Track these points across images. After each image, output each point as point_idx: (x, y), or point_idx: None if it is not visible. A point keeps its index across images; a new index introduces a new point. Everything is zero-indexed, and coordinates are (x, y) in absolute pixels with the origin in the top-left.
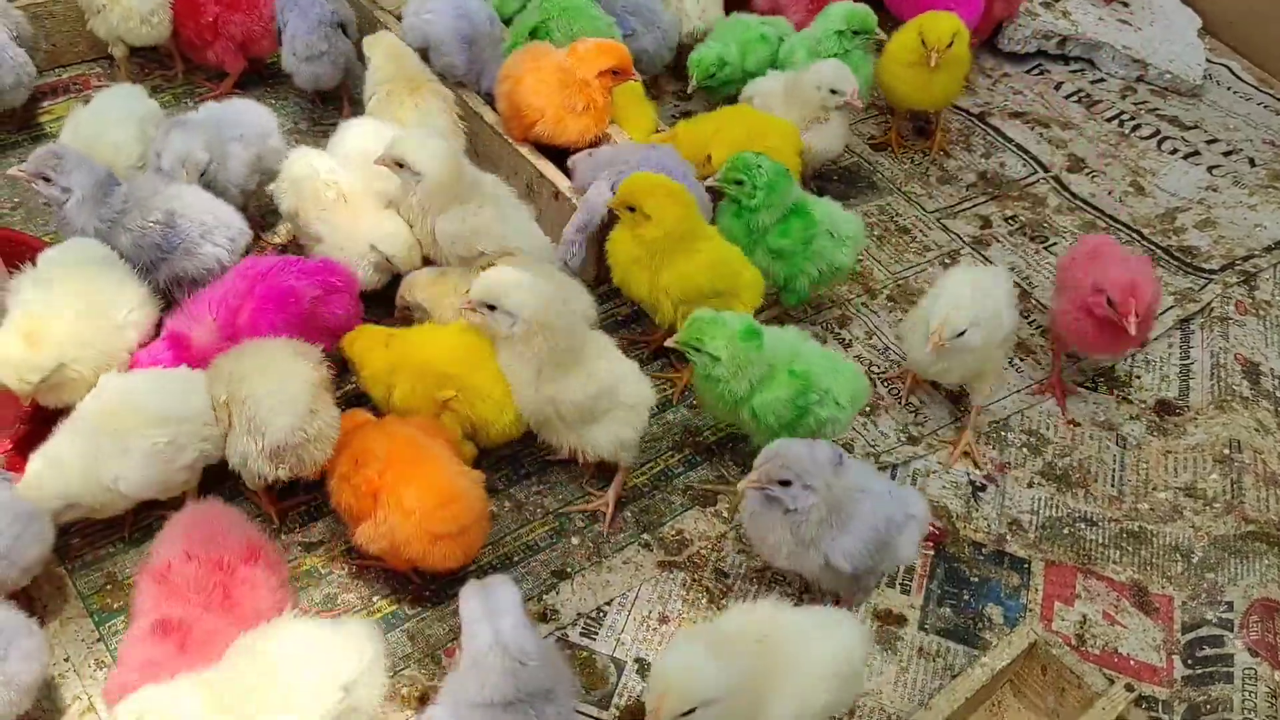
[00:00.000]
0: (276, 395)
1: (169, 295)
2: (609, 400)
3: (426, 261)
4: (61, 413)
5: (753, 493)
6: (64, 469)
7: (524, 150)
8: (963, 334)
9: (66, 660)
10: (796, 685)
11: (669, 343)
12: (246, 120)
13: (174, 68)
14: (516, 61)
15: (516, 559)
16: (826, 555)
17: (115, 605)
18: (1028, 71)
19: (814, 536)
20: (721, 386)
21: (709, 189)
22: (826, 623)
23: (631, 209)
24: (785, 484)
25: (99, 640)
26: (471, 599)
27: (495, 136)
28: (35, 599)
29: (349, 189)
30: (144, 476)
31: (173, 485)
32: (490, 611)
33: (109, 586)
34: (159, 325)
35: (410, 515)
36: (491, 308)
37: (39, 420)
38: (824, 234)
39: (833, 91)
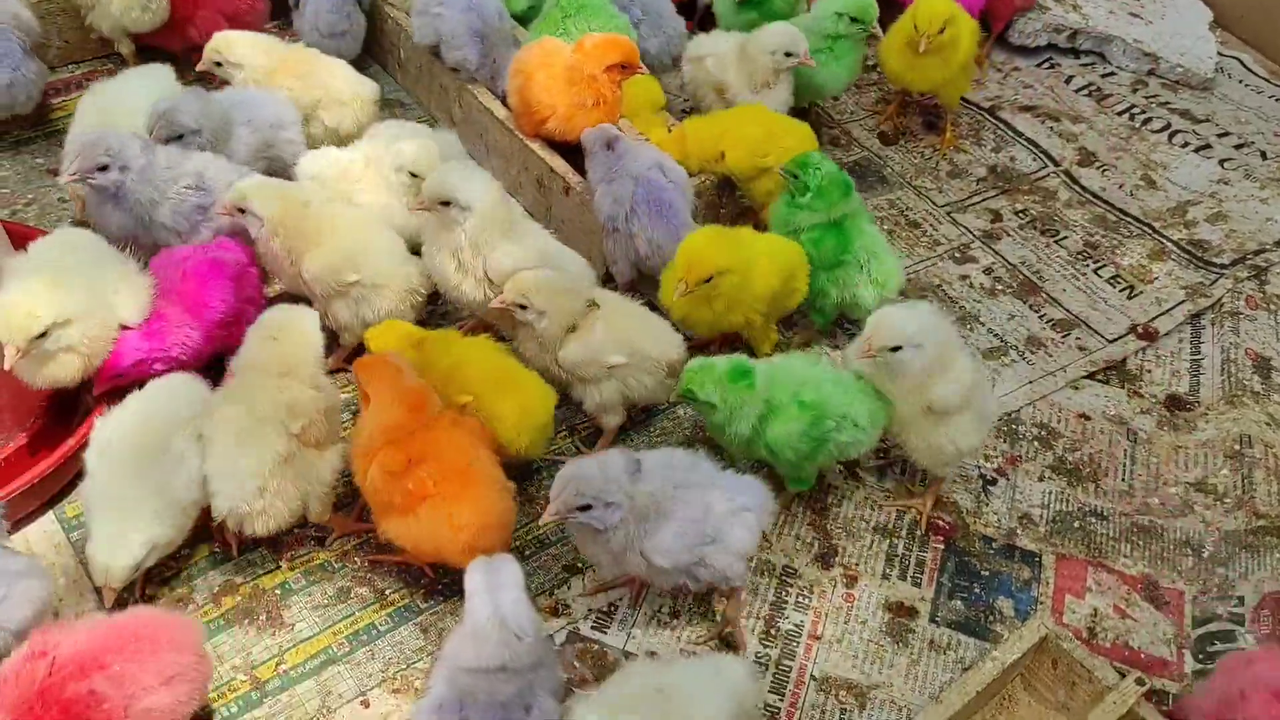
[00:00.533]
0: (228, 463)
1: None
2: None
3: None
4: (74, 404)
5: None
6: (138, 522)
7: (535, 146)
8: (898, 350)
9: None
10: None
11: (671, 397)
12: (263, 108)
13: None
14: (527, 57)
15: (528, 553)
16: (645, 556)
17: (130, 600)
18: (1038, 65)
19: (625, 546)
20: (729, 431)
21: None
22: (718, 667)
23: (708, 280)
24: (586, 508)
25: None
26: (476, 573)
27: (506, 132)
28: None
29: (370, 155)
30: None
31: None
32: (493, 585)
33: None
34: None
35: (460, 531)
36: (523, 307)
37: (54, 414)
38: (855, 265)
39: (787, 54)
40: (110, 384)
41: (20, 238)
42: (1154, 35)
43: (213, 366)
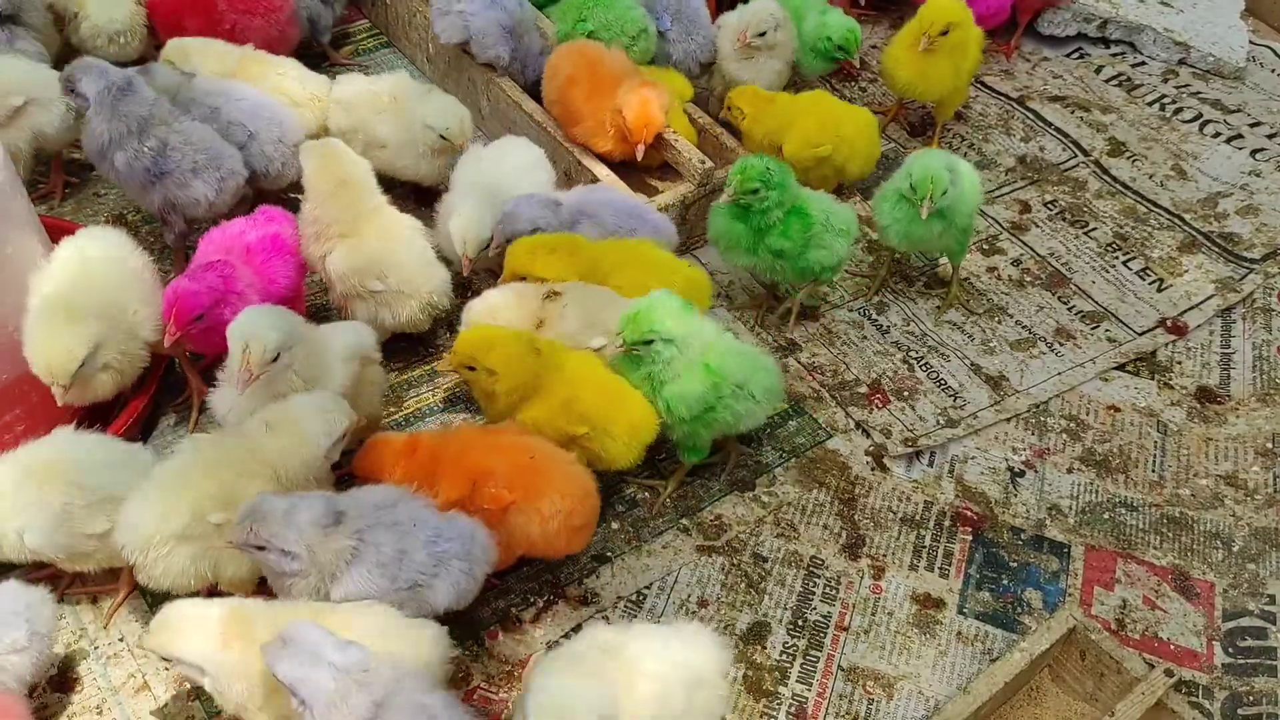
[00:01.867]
0: (138, 500)
1: (164, 219)
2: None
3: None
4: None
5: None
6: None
7: (562, 138)
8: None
9: (121, 640)
10: (649, 692)
11: (615, 348)
12: (249, 114)
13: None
14: (569, 59)
15: None
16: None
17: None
18: (1067, 55)
19: (307, 595)
20: (666, 384)
21: (726, 202)
22: (677, 632)
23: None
24: (260, 549)
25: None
26: (284, 659)
27: (534, 125)
28: (90, 580)
29: (397, 91)
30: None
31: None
32: (311, 657)
33: None
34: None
35: (552, 520)
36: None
37: (91, 407)
38: (820, 229)
39: (760, 34)
40: (187, 327)
41: (56, 231)
42: (1185, 24)
43: None
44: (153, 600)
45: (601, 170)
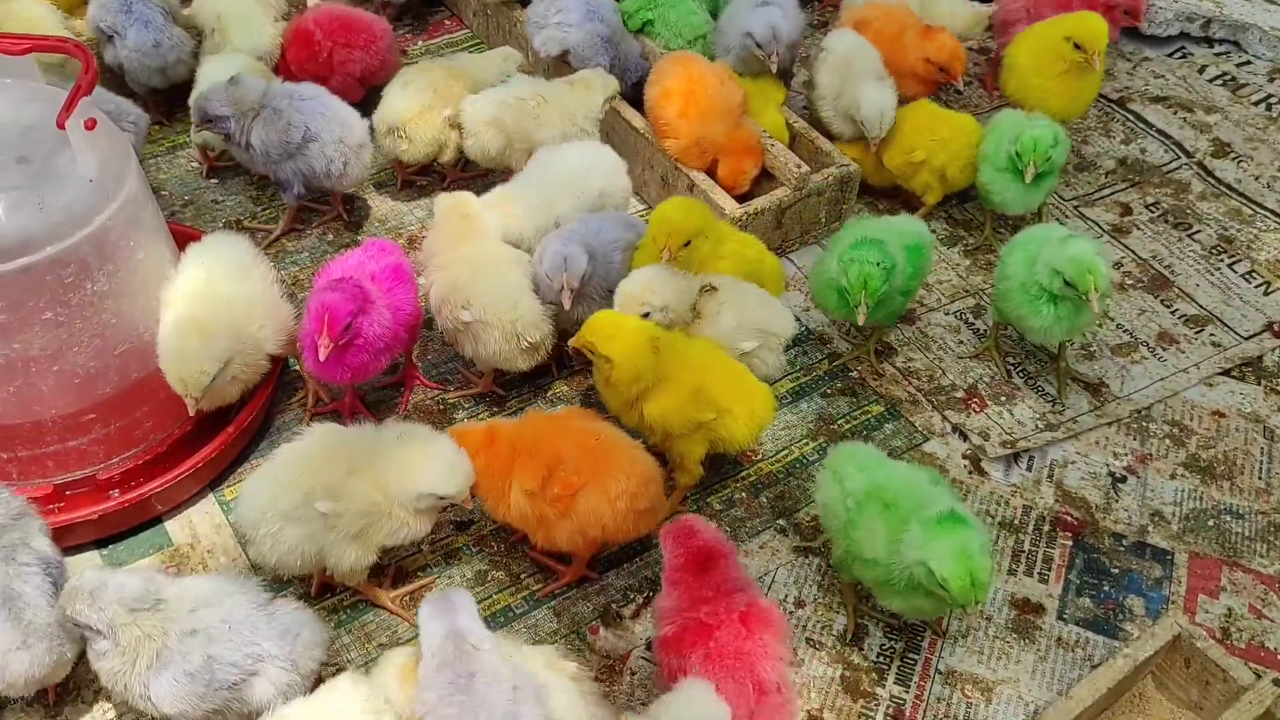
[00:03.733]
0: (256, 479)
1: None
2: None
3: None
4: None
5: None
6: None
7: (658, 144)
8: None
9: None
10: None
11: None
12: (313, 115)
13: None
14: (672, 69)
15: (655, 542)
16: (145, 691)
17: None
18: (1169, 55)
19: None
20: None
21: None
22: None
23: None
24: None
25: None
26: (425, 606)
27: (631, 131)
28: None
29: (539, 91)
30: None
31: None
32: (444, 611)
33: None
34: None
35: (618, 500)
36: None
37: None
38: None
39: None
40: (340, 337)
41: (181, 236)
42: None
43: None
44: None
45: (698, 176)
